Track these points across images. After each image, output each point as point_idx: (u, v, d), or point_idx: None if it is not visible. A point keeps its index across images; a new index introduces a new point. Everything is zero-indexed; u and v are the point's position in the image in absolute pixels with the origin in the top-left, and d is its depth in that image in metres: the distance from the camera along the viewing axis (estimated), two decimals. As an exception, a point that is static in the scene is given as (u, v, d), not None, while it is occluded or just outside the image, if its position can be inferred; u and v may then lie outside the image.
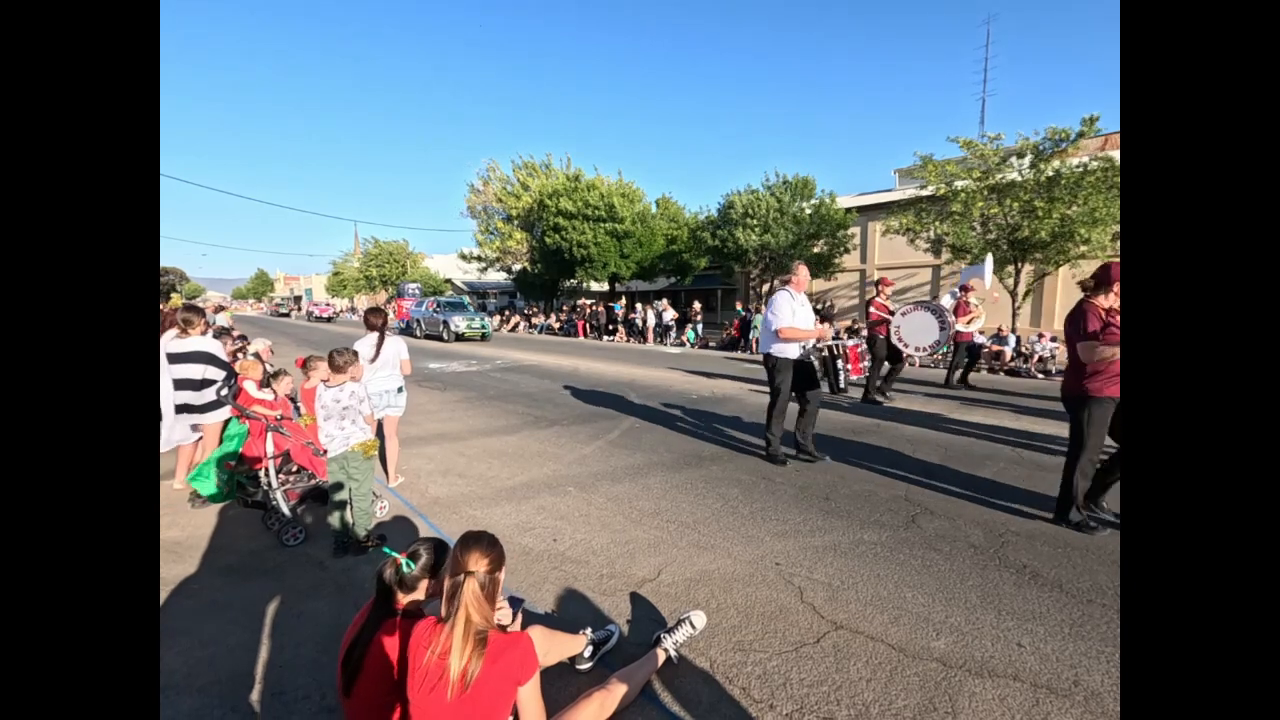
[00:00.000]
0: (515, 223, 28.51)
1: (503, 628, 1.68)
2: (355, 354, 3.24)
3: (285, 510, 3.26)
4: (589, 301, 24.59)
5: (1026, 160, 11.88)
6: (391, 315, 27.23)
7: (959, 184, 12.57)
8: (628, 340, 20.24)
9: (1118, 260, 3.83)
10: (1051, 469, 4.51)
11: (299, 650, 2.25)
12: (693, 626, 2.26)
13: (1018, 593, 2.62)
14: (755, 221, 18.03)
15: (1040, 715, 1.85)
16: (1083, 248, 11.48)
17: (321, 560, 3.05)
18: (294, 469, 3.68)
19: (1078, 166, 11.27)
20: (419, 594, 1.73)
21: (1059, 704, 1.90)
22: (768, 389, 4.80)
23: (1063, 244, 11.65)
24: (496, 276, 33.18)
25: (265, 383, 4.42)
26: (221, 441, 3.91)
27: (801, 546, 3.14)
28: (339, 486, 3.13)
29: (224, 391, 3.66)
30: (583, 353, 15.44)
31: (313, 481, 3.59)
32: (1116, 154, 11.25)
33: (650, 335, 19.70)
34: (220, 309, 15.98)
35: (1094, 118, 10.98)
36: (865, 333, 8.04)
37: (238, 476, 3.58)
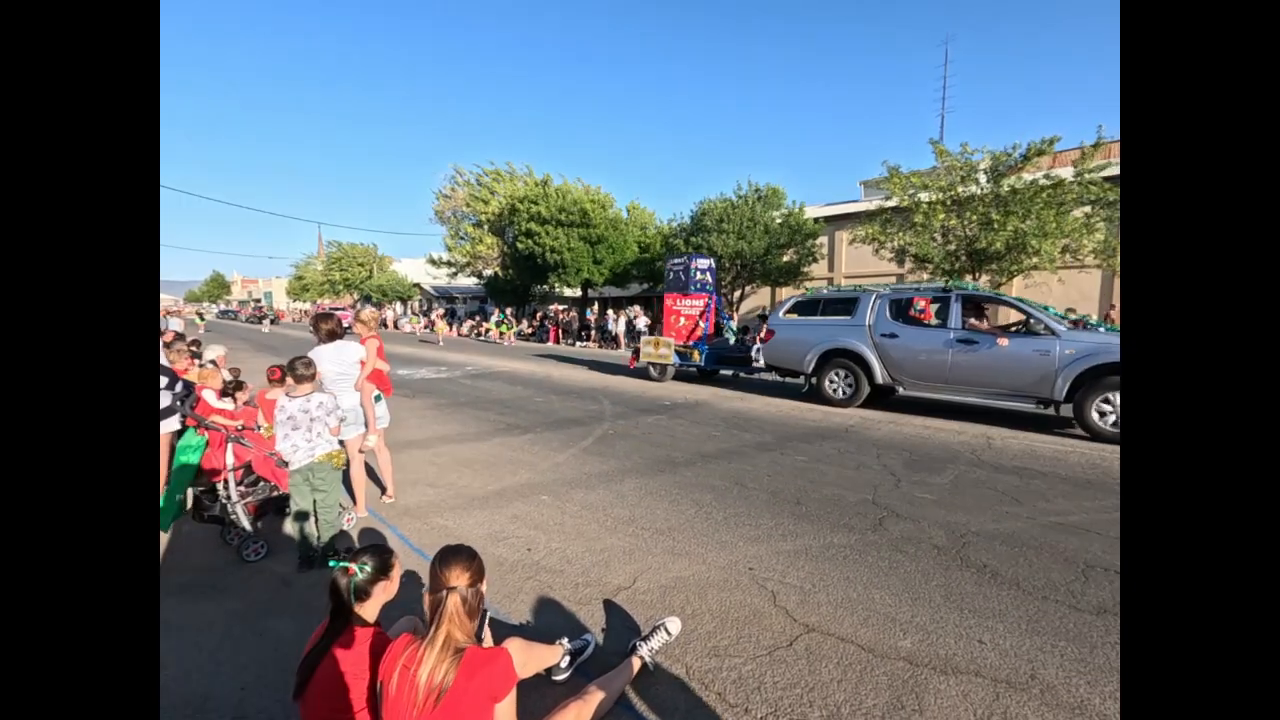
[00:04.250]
0: (485, 227, 28.20)
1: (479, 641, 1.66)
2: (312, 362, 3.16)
3: (246, 525, 3.13)
4: (561, 307, 24.47)
5: (983, 175, 12.42)
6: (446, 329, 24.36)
7: (922, 195, 13.04)
8: (600, 346, 20.22)
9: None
10: (1008, 470, 4.72)
11: (261, 671, 2.17)
12: (668, 633, 2.27)
13: (978, 591, 2.73)
14: (730, 228, 18.30)
15: (1000, 709, 1.93)
16: (1034, 259, 12.06)
17: (285, 576, 2.94)
18: (254, 480, 3.54)
19: (1030, 183, 11.85)
20: (375, 599, 1.73)
21: (1017, 697, 1.99)
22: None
23: (1016, 255, 12.21)
24: (466, 281, 32.70)
25: (226, 392, 4.24)
26: (173, 454, 3.72)
27: (774, 551, 3.19)
28: (303, 499, 3.03)
29: (178, 401, 3.50)
30: (555, 359, 15.34)
31: (274, 493, 3.46)
32: (1064, 172, 11.83)
33: (623, 341, 19.72)
34: (169, 313, 15.29)
35: (1054, 139, 11.58)
36: None
37: (190, 490, 3.42)
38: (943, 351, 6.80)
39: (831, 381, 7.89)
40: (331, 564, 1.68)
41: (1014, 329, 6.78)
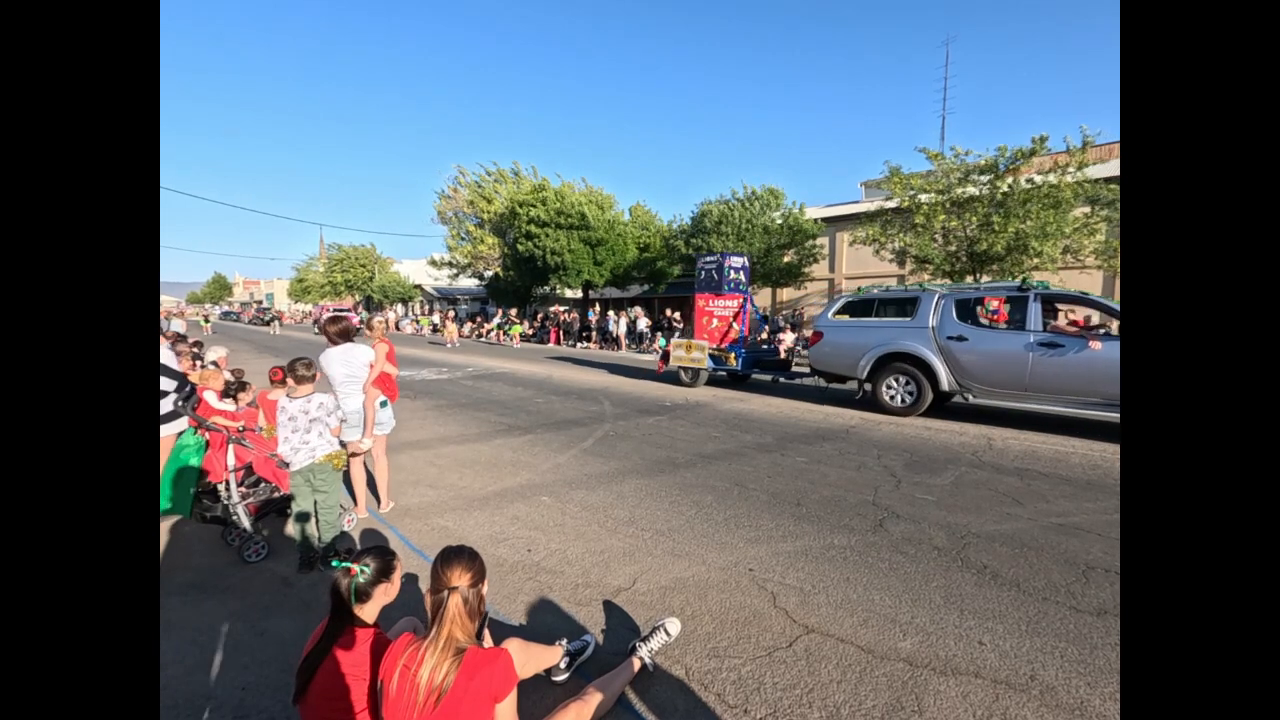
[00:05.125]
0: (487, 227, 28.26)
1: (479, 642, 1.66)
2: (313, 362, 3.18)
3: (247, 525, 3.14)
4: (562, 309, 24.47)
5: (985, 176, 12.43)
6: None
7: (922, 197, 13.06)
8: (600, 348, 20.23)
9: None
10: (1009, 472, 4.71)
11: (262, 671, 2.17)
12: (667, 634, 2.27)
13: (978, 592, 2.73)
14: (729, 229, 18.34)
15: (1000, 710, 1.93)
16: (1035, 260, 12.06)
17: (285, 576, 2.95)
18: (255, 481, 3.55)
19: (1028, 183, 11.85)
20: (375, 601, 1.73)
21: (1017, 699, 1.99)
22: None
23: (1017, 256, 12.22)
24: (468, 282, 32.75)
25: (228, 393, 4.25)
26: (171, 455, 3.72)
27: (774, 552, 3.19)
28: (304, 499, 3.03)
29: (181, 403, 3.51)
30: (555, 360, 15.36)
31: (276, 494, 3.47)
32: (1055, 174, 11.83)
33: (623, 343, 19.74)
34: (170, 315, 15.34)
35: (1043, 137, 11.58)
36: None
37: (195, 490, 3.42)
38: (1021, 356, 6.15)
39: (890, 388, 7.25)
40: (334, 564, 1.69)
41: (1097, 330, 6.33)
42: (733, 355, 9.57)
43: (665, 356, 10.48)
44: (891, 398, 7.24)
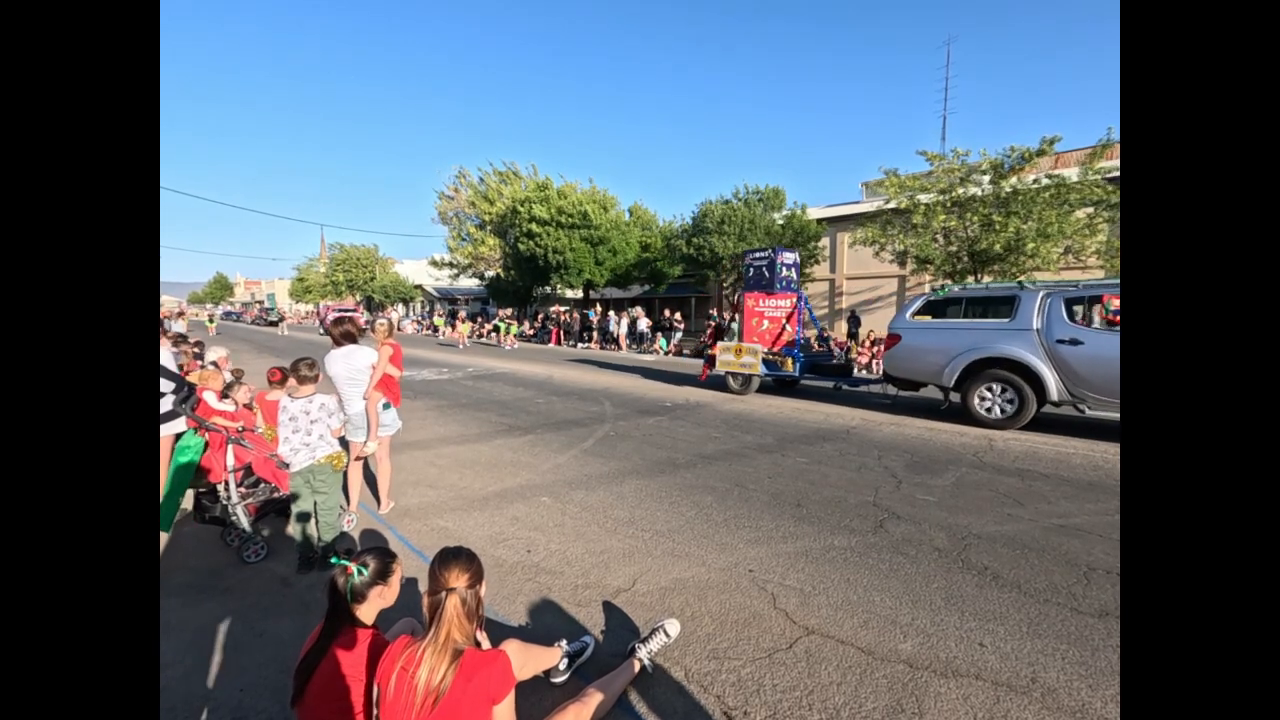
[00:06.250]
0: (488, 228, 28.29)
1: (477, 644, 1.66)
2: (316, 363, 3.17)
3: (246, 526, 3.14)
4: (563, 309, 24.48)
5: (987, 175, 12.42)
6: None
7: (921, 197, 13.05)
8: (601, 348, 20.24)
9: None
10: (1010, 473, 4.70)
11: (261, 672, 2.17)
12: (667, 635, 2.27)
13: (979, 594, 2.72)
14: (731, 229, 18.34)
15: (1001, 713, 1.92)
16: (1034, 260, 12.05)
17: (284, 577, 2.95)
18: (254, 482, 3.55)
19: (1033, 183, 11.84)
20: (371, 603, 1.72)
21: (1018, 701, 1.98)
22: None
23: (1016, 257, 12.20)
24: (469, 283, 32.78)
25: (224, 393, 4.25)
26: (172, 455, 3.72)
27: (774, 553, 3.19)
28: (304, 500, 3.03)
29: (180, 404, 3.51)
30: (556, 360, 15.35)
31: (275, 494, 3.47)
32: (1067, 173, 11.82)
33: (624, 343, 19.74)
34: (170, 315, 15.33)
35: (1054, 139, 11.57)
36: None
37: (191, 491, 3.42)
38: None
39: (983, 398, 6.40)
40: (333, 560, 1.69)
41: None
42: (790, 360, 8.75)
43: (711, 361, 9.66)
44: (987, 409, 6.39)
